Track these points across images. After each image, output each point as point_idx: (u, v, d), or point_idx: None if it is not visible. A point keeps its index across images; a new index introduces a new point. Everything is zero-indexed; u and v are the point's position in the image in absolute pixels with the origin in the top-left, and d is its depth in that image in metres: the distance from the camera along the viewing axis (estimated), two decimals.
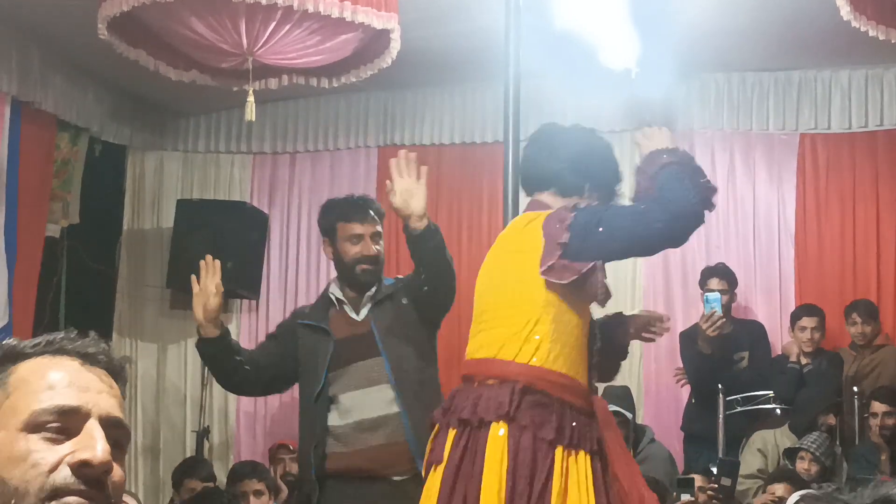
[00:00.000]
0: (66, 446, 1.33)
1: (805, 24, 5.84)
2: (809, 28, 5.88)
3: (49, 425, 1.33)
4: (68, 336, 1.43)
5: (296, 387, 4.27)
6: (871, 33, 4.81)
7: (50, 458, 1.31)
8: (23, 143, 6.25)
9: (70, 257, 7.11)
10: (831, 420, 5.83)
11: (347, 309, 4.11)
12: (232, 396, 7.61)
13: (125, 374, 1.45)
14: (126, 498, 4.46)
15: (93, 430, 1.34)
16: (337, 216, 4.16)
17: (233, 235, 7.14)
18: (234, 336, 7.59)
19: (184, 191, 7.79)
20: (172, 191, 7.78)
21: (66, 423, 1.34)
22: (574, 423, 3.02)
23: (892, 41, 4.89)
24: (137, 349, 7.63)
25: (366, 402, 3.97)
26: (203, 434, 7.22)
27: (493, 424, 2.98)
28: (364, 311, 4.09)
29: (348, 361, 4.02)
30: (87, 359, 1.41)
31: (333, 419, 3.99)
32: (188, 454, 7.29)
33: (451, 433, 3.07)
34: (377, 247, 4.10)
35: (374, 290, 4.10)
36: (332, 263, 7.44)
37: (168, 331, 7.73)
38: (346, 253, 4.10)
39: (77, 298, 7.13)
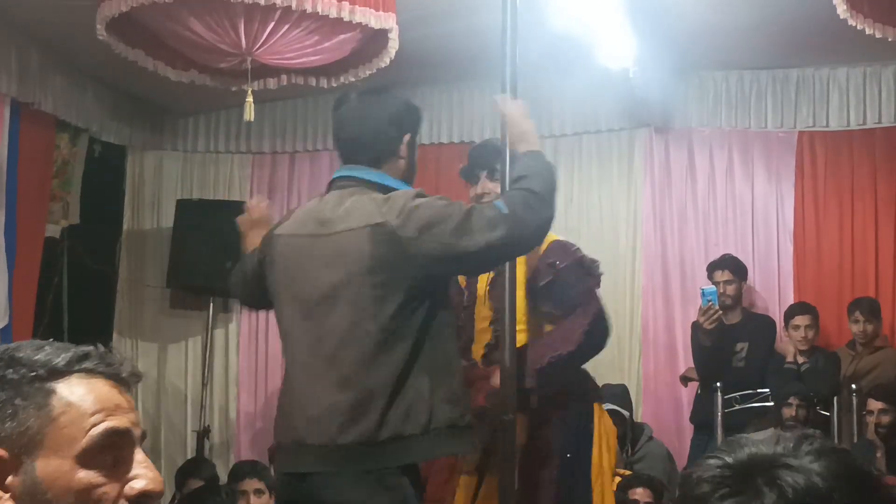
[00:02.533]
0: (120, 476, 1.33)
1: (803, 22, 5.84)
2: (807, 26, 5.89)
3: (103, 454, 1.33)
4: (97, 353, 1.41)
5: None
6: (867, 31, 4.82)
7: (111, 493, 1.31)
8: (22, 144, 6.26)
9: (70, 257, 7.12)
10: (792, 412, 5.85)
11: None
12: (232, 396, 7.64)
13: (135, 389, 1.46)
14: None
15: (143, 458, 1.35)
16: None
17: (232, 235, 7.08)
18: (233, 335, 7.69)
19: (183, 190, 7.80)
20: (172, 191, 7.79)
21: (117, 446, 1.34)
22: None
23: (889, 39, 4.89)
24: (138, 349, 7.64)
25: None
26: (204, 434, 7.24)
27: None
28: None
29: None
30: (120, 382, 1.41)
31: None
32: (189, 454, 7.30)
33: None
34: None
35: None
36: None
37: (168, 330, 7.74)
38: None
39: (77, 299, 7.14)
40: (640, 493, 5.08)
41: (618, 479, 4.85)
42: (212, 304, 7.55)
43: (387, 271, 2.81)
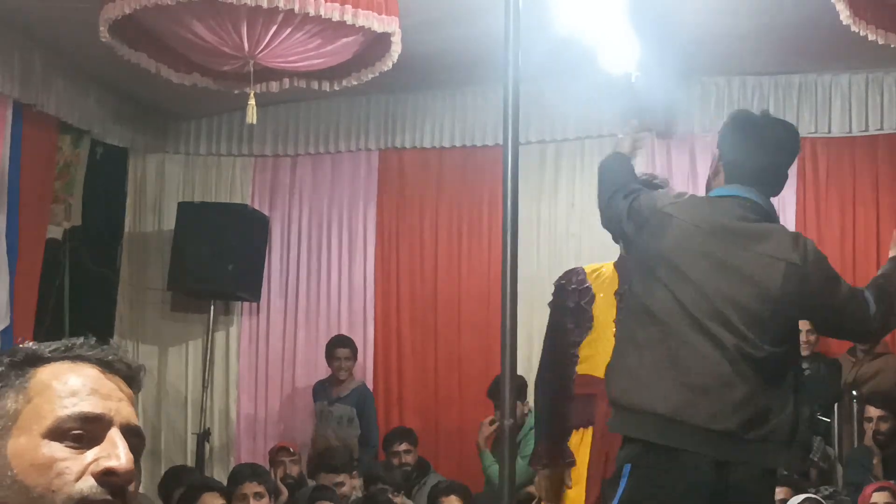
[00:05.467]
0: (89, 454, 1.32)
1: (805, 28, 5.84)
2: (810, 32, 5.89)
3: (72, 432, 1.32)
4: (87, 343, 1.41)
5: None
6: (870, 38, 4.82)
7: (74, 467, 1.30)
8: (25, 146, 6.26)
9: (72, 259, 7.12)
10: None
11: None
12: (233, 399, 7.63)
13: (140, 382, 1.45)
14: None
15: (115, 438, 1.34)
16: None
17: (234, 238, 7.16)
18: (234, 338, 7.69)
19: (185, 193, 7.80)
20: (174, 193, 7.80)
21: (89, 430, 1.33)
22: None
23: (892, 45, 4.90)
24: (138, 351, 7.64)
25: None
26: (204, 436, 7.23)
27: None
28: None
29: None
30: (107, 367, 1.40)
31: None
32: (189, 456, 7.31)
33: None
34: None
35: None
36: (333, 266, 7.56)
37: (169, 333, 7.74)
38: None
39: (78, 301, 7.14)
40: None
41: None
42: (212, 308, 7.55)
43: (787, 304, 3.09)
